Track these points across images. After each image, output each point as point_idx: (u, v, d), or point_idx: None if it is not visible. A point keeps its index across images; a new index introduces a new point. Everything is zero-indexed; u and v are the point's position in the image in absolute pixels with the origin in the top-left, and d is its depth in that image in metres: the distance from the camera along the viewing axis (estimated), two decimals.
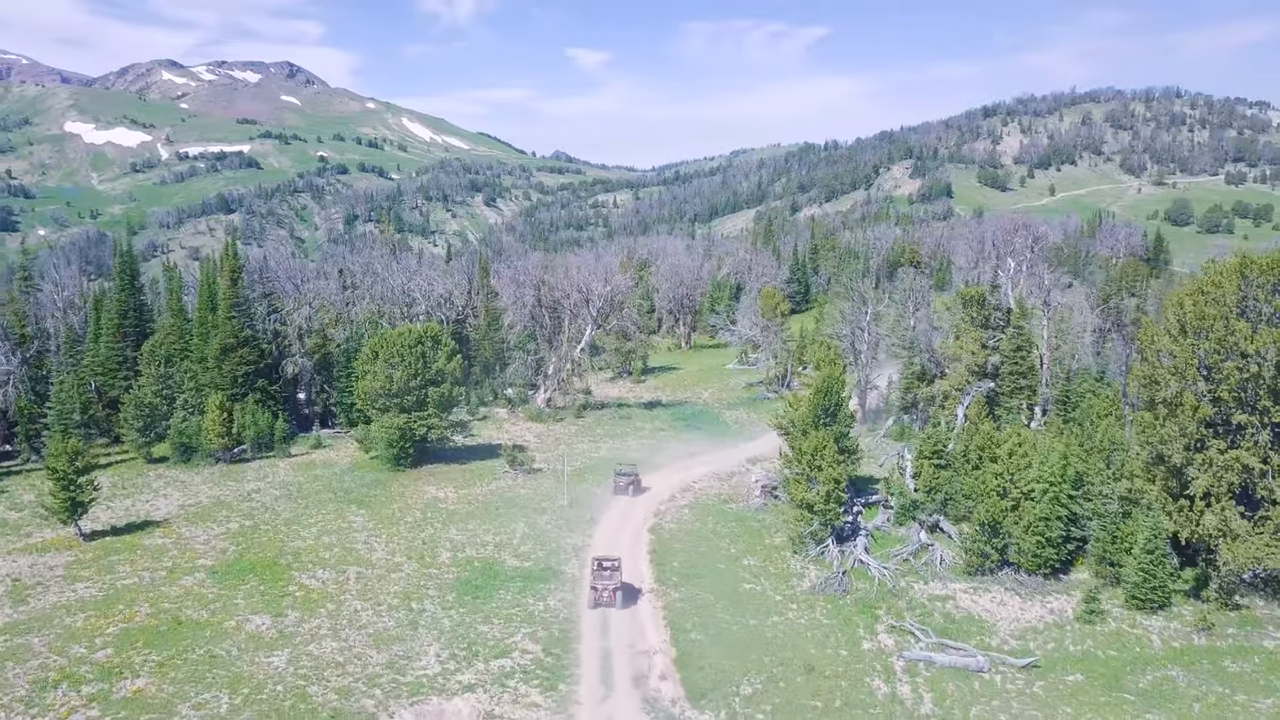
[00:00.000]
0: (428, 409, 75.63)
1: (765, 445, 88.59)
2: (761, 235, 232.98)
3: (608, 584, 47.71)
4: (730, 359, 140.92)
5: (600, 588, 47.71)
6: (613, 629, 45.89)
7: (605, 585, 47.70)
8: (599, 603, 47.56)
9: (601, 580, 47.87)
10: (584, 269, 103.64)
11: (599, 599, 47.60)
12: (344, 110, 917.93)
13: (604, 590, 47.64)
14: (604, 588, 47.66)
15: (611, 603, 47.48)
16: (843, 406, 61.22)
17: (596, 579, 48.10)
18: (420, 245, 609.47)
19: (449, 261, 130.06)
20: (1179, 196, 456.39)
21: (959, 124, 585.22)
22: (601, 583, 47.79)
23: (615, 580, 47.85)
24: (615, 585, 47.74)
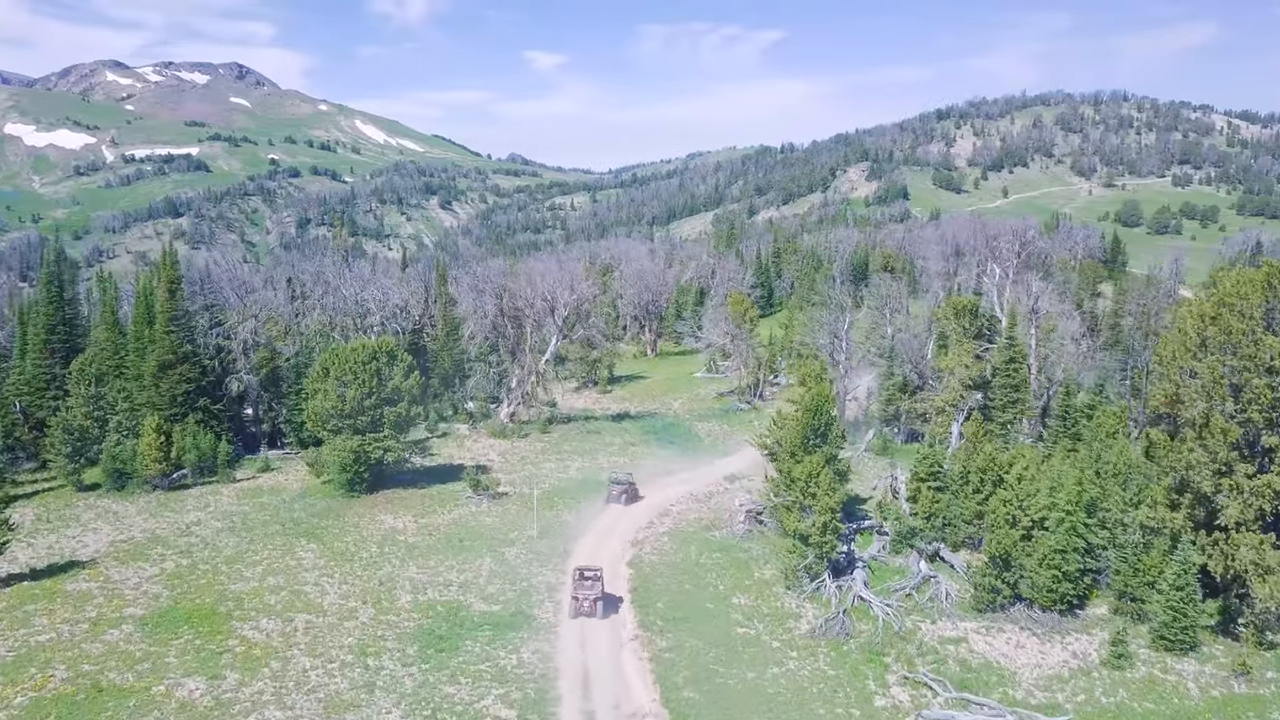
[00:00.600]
0: (383, 430, 69.91)
1: (742, 461, 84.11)
2: (723, 239, 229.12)
3: (589, 594, 47.35)
4: (697, 366, 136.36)
5: (581, 597, 47.33)
6: (595, 686, 40.79)
7: (586, 595, 47.34)
8: (580, 612, 47.20)
9: (583, 590, 47.47)
10: (548, 276, 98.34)
11: (580, 608, 47.25)
12: (295, 112, 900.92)
13: (585, 600, 47.31)
14: (585, 597, 47.31)
15: (593, 612, 47.10)
16: (833, 426, 56.73)
17: (578, 589, 47.60)
18: (375, 249, 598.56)
19: (405, 268, 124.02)
20: (1129, 198, 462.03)
21: (913, 126, 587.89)
22: (583, 592, 47.41)
23: (596, 590, 47.53)
24: (596, 595, 47.42)
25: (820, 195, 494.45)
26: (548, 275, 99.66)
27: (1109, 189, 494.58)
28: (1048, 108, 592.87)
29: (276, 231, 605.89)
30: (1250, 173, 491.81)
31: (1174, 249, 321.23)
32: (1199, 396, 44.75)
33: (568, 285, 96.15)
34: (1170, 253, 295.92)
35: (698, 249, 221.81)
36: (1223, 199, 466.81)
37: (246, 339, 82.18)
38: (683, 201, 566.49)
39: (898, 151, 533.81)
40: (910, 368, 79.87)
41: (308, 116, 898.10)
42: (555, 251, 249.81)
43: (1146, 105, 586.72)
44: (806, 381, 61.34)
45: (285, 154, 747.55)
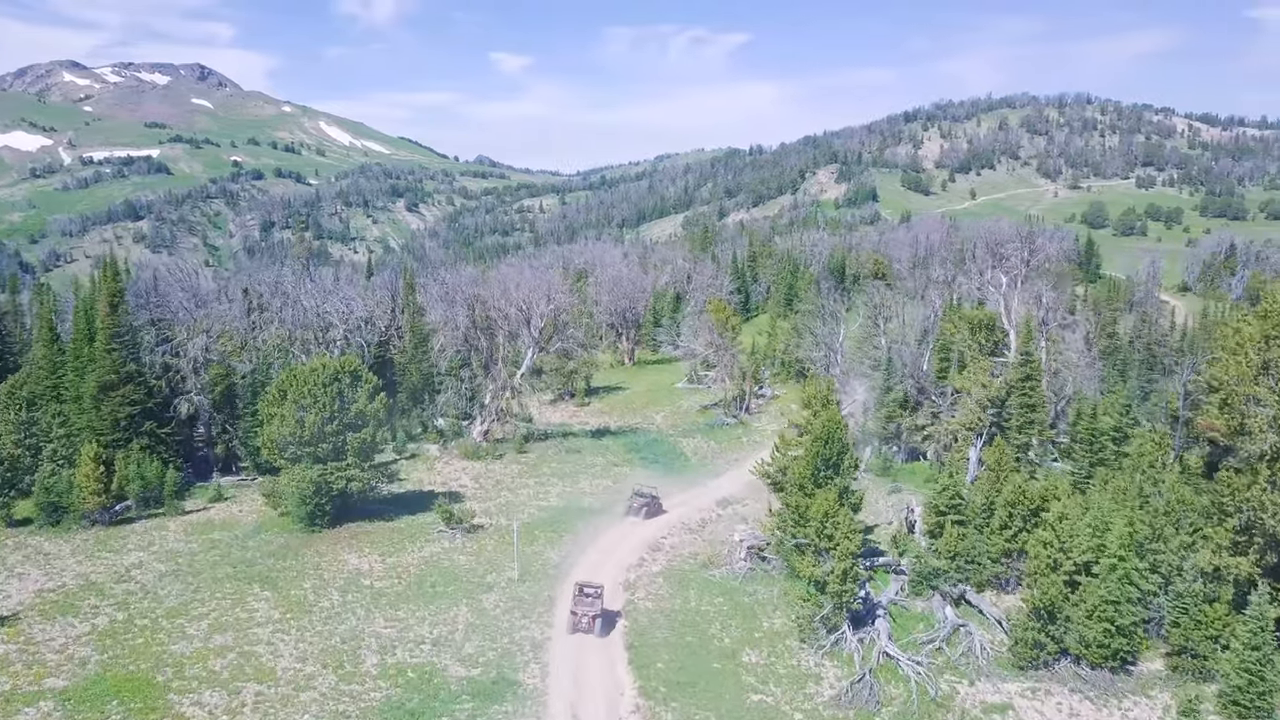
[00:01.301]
0: (346, 458, 63.41)
1: (733, 483, 78.57)
2: (698, 242, 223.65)
3: (588, 610, 46.57)
4: (677, 374, 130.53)
5: (580, 613, 46.52)
6: None
7: (585, 612, 46.53)
8: (577, 628, 46.44)
9: (582, 606, 46.68)
10: (523, 285, 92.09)
11: (577, 624, 46.48)
12: (259, 114, 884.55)
13: (583, 617, 46.46)
14: (583, 614, 46.48)
15: (590, 629, 46.31)
16: (845, 455, 51.14)
17: (577, 604, 46.84)
18: (340, 252, 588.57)
19: (370, 276, 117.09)
20: (1094, 200, 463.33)
21: (881, 128, 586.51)
22: (582, 608, 46.62)
23: (596, 608, 46.72)
24: (595, 613, 46.60)
25: (790, 197, 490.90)
26: (522, 284, 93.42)
27: (1074, 191, 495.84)
28: (1013, 110, 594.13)
29: (240, 235, 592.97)
30: (1211, 174, 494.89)
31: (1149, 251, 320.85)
32: (1270, 429, 39.60)
33: (544, 294, 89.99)
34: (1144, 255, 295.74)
35: (672, 253, 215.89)
36: (1186, 200, 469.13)
37: (197, 356, 75.26)
38: (652, 204, 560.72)
39: (866, 153, 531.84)
40: (911, 382, 74.60)
41: (271, 118, 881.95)
42: (526, 256, 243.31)
43: (1110, 108, 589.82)
44: (811, 404, 55.71)
45: (248, 156, 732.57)
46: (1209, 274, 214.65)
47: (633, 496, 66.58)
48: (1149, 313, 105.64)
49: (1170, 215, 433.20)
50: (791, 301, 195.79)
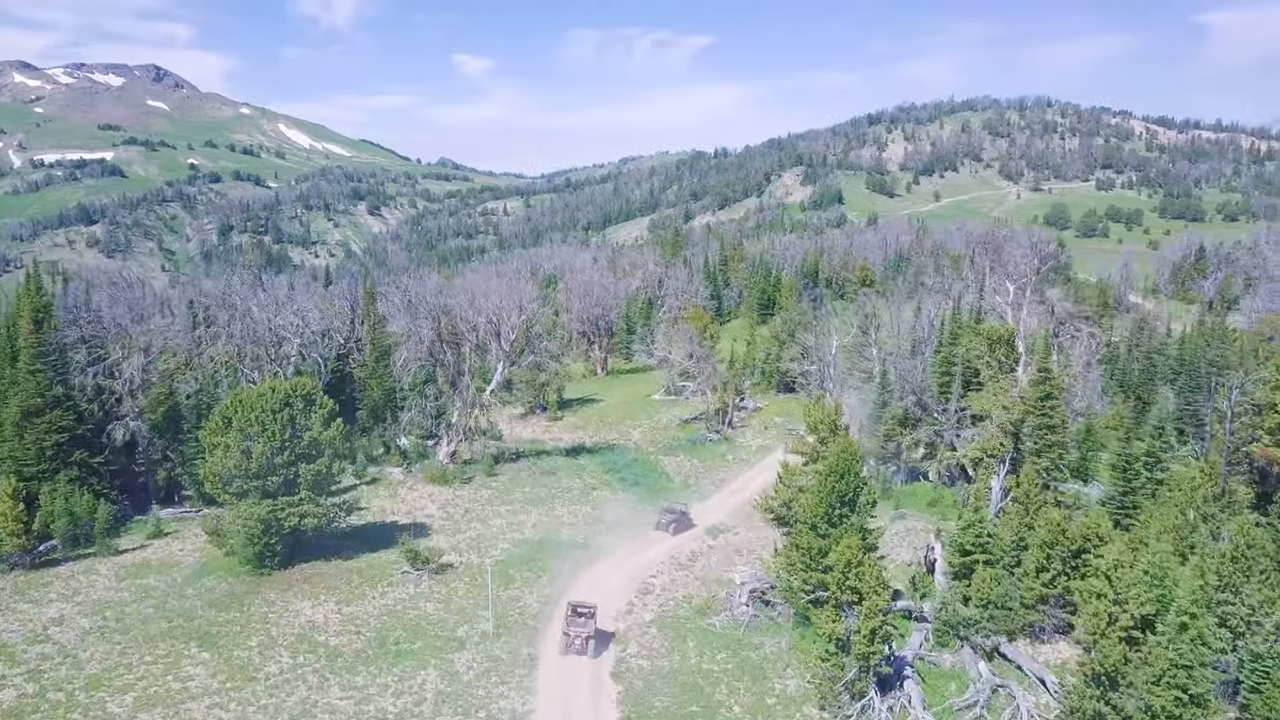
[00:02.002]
0: (299, 492, 56.67)
1: (721, 508, 72.90)
2: (669, 246, 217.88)
3: (581, 631, 45.19)
4: (652, 384, 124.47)
5: (573, 634, 45.14)
6: None
7: (579, 632, 45.15)
8: (570, 649, 45.10)
9: (575, 627, 45.28)
10: (492, 294, 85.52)
11: (570, 645, 45.16)
12: (216, 115, 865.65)
13: (576, 638, 45.10)
14: (576, 634, 45.10)
15: (584, 650, 45.01)
16: (864, 490, 45.36)
17: (570, 624, 45.39)
18: (301, 256, 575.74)
19: (328, 285, 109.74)
20: (1056, 201, 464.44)
21: (845, 131, 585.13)
22: (575, 629, 45.23)
23: (589, 628, 45.36)
24: (589, 633, 45.26)
25: (756, 200, 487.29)
26: (491, 293, 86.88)
27: (1036, 193, 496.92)
28: (975, 113, 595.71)
29: (197, 239, 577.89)
30: (1169, 176, 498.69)
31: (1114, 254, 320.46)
32: None
33: (515, 305, 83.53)
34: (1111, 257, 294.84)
35: (642, 256, 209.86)
36: (1145, 202, 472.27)
37: (134, 376, 67.89)
38: (618, 206, 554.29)
39: (831, 156, 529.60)
40: (912, 398, 69.18)
41: (229, 120, 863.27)
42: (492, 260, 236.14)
43: (1069, 111, 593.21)
44: (818, 429, 49.94)
45: (206, 159, 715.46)
46: (1179, 276, 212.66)
47: (662, 513, 66.59)
48: (1146, 319, 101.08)
49: (1131, 217, 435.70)
50: (767, 306, 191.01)
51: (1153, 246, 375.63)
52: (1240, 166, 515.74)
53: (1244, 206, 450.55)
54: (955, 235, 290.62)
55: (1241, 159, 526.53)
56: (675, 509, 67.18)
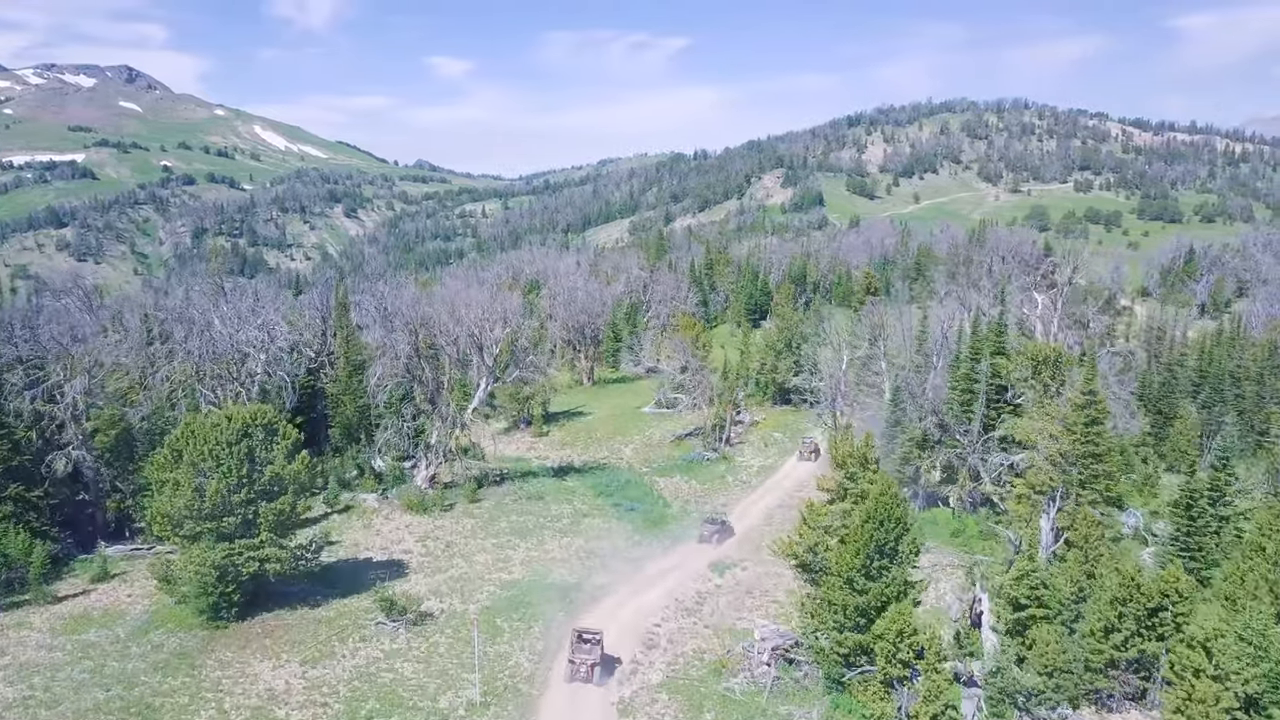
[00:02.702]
0: (260, 534, 50.02)
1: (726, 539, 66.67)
2: (653, 249, 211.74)
3: (586, 658, 43.36)
4: (641, 396, 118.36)
5: (578, 661, 43.40)
6: None
7: (584, 659, 43.33)
8: (575, 677, 43.27)
9: (580, 654, 43.51)
10: (475, 305, 78.94)
11: (576, 673, 43.33)
12: (190, 117, 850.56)
13: (581, 665, 43.31)
14: (582, 662, 43.34)
15: (589, 678, 43.14)
16: (906, 538, 39.34)
17: (575, 651, 43.66)
18: (277, 259, 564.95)
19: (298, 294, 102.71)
20: (1035, 203, 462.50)
21: (824, 133, 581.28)
22: (580, 656, 43.45)
23: (595, 655, 43.52)
24: (594, 660, 43.39)
25: (737, 202, 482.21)
26: (473, 304, 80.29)
27: (1015, 194, 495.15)
28: (954, 115, 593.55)
29: (170, 242, 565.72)
30: (1146, 178, 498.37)
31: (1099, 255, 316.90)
32: None
33: (499, 316, 77.09)
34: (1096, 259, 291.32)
35: (625, 260, 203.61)
36: (1123, 203, 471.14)
37: (76, 400, 60.92)
38: (598, 208, 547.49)
39: (811, 158, 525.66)
40: (932, 419, 63.36)
41: (203, 121, 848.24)
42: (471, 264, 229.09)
43: (1047, 113, 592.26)
44: (846, 464, 43.97)
45: (179, 161, 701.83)
46: (1169, 279, 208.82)
47: (703, 525, 66.61)
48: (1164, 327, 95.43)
49: (1110, 218, 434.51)
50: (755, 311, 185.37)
51: (1133, 248, 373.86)
52: (1215, 168, 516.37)
53: (1220, 208, 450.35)
54: (940, 238, 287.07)
55: (1216, 161, 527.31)
56: (716, 519, 67.46)
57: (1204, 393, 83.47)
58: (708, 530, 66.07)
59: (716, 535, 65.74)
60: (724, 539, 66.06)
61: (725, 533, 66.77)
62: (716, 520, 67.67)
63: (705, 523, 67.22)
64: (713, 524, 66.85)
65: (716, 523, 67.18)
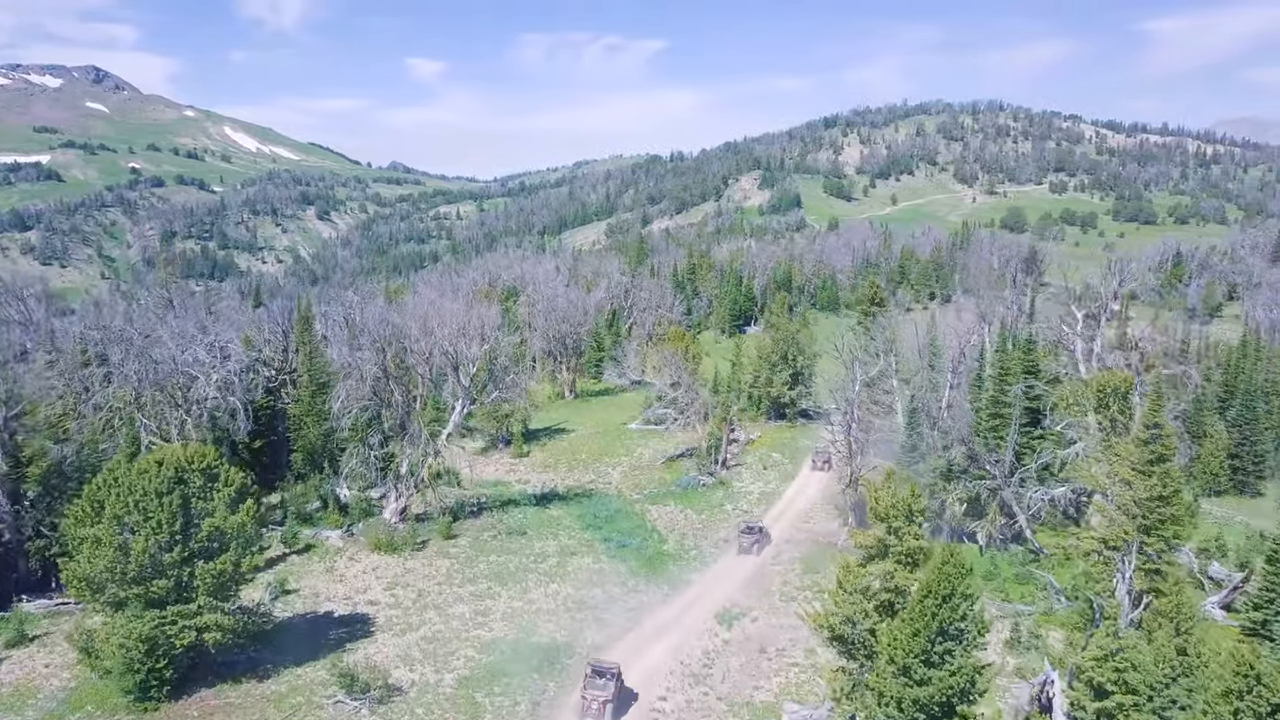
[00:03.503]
0: (197, 598, 42.34)
1: (730, 579, 59.98)
2: (633, 253, 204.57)
3: (599, 694, 40.92)
4: (626, 410, 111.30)
5: (589, 698, 40.92)
6: None
7: (596, 696, 40.87)
8: (587, 713, 40.92)
9: (593, 690, 41.10)
10: (449, 319, 71.36)
11: (588, 709, 40.88)
12: (159, 118, 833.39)
13: (593, 701, 40.81)
14: (593, 698, 40.84)
15: (601, 715, 40.84)
16: (972, 617, 32.40)
17: (587, 687, 41.32)
18: (248, 263, 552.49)
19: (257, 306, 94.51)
20: (1011, 205, 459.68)
21: (801, 134, 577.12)
22: (592, 692, 41.02)
23: (608, 691, 41.07)
24: (607, 697, 40.89)
25: (714, 204, 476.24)
26: (447, 318, 72.71)
27: (991, 196, 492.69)
28: (929, 116, 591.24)
29: (139, 246, 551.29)
30: (1120, 179, 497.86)
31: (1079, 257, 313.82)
32: None
33: (477, 332, 69.57)
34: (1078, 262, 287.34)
35: (604, 265, 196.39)
36: (1098, 205, 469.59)
37: None
38: (574, 211, 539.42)
39: (788, 160, 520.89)
40: (961, 448, 56.66)
41: (172, 123, 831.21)
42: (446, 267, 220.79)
43: (1021, 115, 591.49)
44: (889, 517, 36.97)
45: (148, 162, 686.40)
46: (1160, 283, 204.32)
47: (740, 536, 64.30)
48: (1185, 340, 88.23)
49: (1085, 220, 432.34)
50: (739, 317, 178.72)
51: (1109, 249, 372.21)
52: (1187, 170, 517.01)
53: (1193, 209, 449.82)
54: (921, 240, 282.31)
55: (1188, 162, 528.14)
56: (754, 526, 65.16)
57: (1233, 409, 77.37)
58: (746, 541, 63.60)
59: (756, 544, 63.41)
60: (763, 546, 63.97)
61: (764, 540, 64.68)
62: (754, 528, 64.99)
63: (742, 533, 64.52)
64: (750, 532, 64.32)
65: (755, 530, 64.62)
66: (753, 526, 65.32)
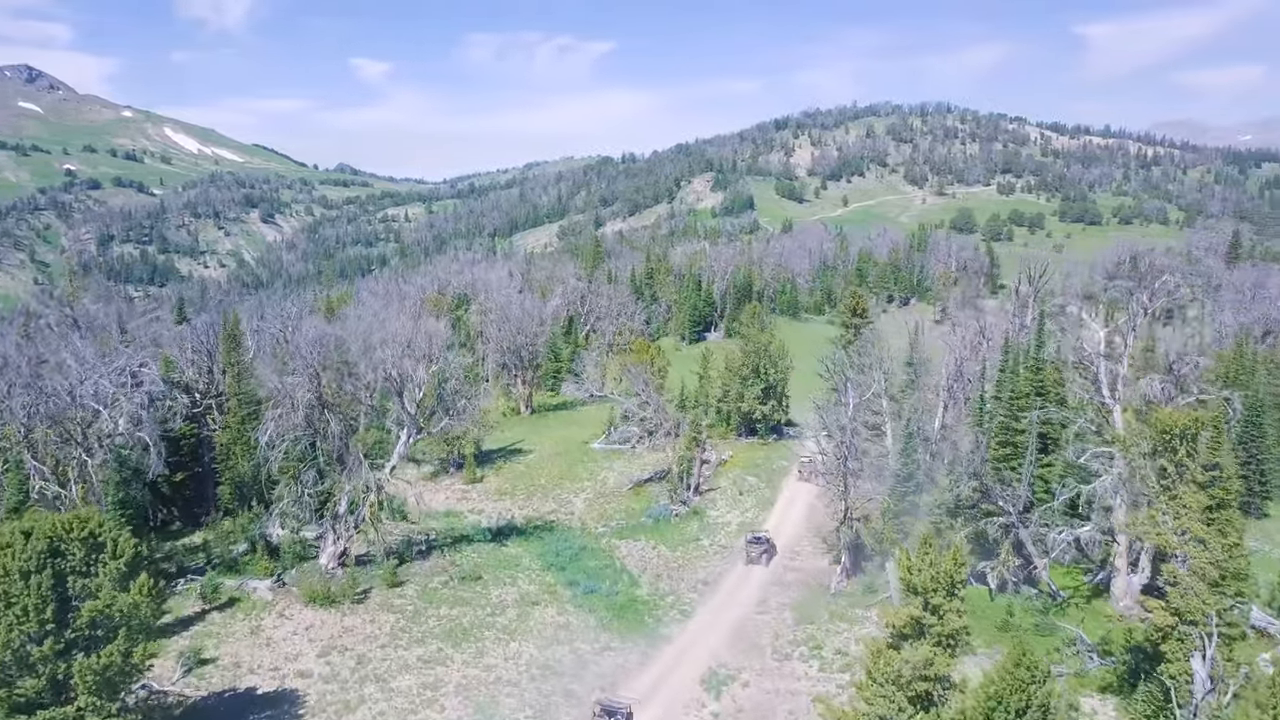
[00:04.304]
0: (77, 698, 34.14)
1: (715, 631, 53.06)
2: (589, 257, 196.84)
3: None
4: (587, 427, 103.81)
5: None
6: None
7: None
8: None
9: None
10: (392, 337, 63.31)
11: None
12: (95, 119, 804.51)
13: None
14: None
15: None
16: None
17: None
18: (190, 267, 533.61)
19: (180, 322, 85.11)
20: (961, 206, 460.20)
21: (753, 136, 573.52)
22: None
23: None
24: None
25: (667, 206, 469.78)
26: (390, 335, 64.66)
27: (941, 197, 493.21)
28: (879, 118, 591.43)
29: (74, 250, 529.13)
30: (1065, 181, 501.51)
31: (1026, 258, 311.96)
32: None
33: (424, 352, 61.67)
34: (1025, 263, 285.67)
35: (559, 269, 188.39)
36: (1045, 206, 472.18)
37: None
38: (525, 212, 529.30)
39: (740, 161, 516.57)
40: (970, 480, 50.27)
41: (110, 124, 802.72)
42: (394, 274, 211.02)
43: (969, 117, 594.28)
44: (928, 590, 30.21)
45: (84, 164, 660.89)
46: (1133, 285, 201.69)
47: (748, 546, 62.45)
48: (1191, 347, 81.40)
49: (1033, 221, 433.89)
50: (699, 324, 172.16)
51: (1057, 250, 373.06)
52: (1129, 171, 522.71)
53: (1136, 210, 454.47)
54: (878, 242, 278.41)
55: (1130, 164, 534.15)
56: (761, 538, 63.02)
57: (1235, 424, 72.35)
58: (755, 551, 61.67)
59: (765, 555, 61.61)
60: (771, 557, 62.14)
61: (771, 550, 62.74)
62: (761, 538, 62.93)
63: (749, 543, 62.54)
64: (758, 543, 62.32)
65: (762, 541, 62.59)
66: (759, 537, 62.92)
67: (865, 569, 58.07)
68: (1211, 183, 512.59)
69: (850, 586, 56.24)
